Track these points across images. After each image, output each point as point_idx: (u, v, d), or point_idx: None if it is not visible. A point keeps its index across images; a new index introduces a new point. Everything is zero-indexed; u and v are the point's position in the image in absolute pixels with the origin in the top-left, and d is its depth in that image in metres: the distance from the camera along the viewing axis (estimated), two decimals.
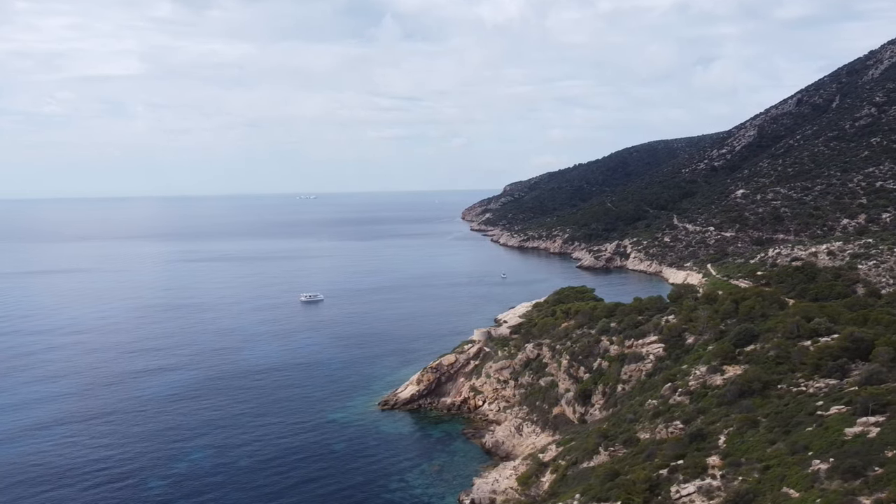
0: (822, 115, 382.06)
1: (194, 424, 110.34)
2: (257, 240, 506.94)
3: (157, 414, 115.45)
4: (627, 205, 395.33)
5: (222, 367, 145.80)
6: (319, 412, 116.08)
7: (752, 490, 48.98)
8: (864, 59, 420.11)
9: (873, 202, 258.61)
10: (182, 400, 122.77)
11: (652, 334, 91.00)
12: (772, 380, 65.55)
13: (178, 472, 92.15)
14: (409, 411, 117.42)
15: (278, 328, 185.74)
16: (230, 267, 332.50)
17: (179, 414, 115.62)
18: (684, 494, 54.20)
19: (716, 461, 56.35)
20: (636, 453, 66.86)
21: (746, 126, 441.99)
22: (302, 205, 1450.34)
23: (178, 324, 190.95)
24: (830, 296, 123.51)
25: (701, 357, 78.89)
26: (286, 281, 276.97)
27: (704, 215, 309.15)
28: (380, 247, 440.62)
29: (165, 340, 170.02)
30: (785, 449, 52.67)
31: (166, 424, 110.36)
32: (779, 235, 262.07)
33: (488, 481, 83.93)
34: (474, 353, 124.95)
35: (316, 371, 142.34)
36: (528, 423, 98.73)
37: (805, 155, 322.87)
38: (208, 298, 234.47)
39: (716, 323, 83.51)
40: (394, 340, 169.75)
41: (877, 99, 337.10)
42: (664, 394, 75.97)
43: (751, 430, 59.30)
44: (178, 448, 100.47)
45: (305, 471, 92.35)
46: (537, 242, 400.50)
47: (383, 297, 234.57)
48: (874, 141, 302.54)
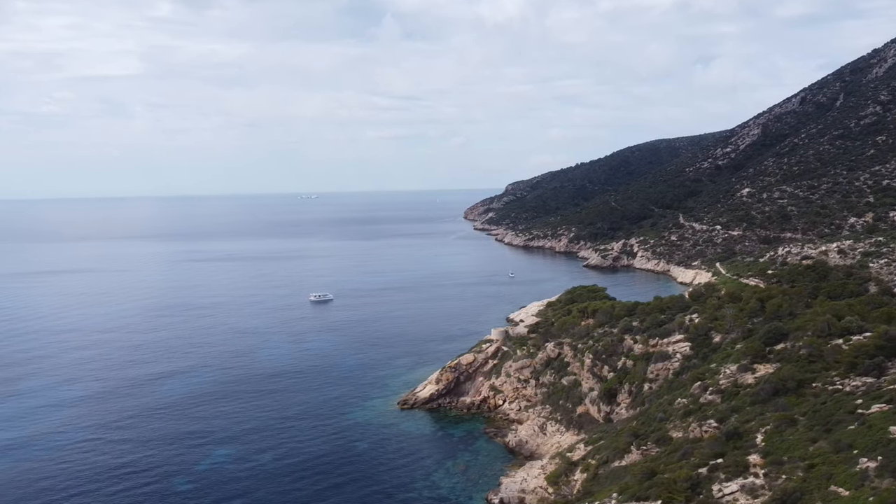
0: (826, 113, 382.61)
1: (215, 425, 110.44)
2: (261, 239, 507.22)
3: (176, 414, 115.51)
4: (632, 204, 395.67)
5: (237, 367, 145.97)
6: (339, 412, 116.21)
7: (799, 488, 49.14)
8: (867, 57, 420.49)
9: (881, 200, 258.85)
10: (200, 400, 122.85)
11: (677, 333, 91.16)
12: (806, 378, 65.70)
13: (203, 473, 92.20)
14: (428, 411, 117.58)
15: (290, 328, 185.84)
16: (236, 267, 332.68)
17: (198, 414, 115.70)
18: (727, 493, 54.35)
19: (757, 460, 56.49)
20: (670, 452, 66.99)
21: (750, 125, 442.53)
22: (303, 204, 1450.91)
23: (189, 324, 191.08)
24: (843, 294, 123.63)
25: (730, 356, 79.03)
26: (293, 281, 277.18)
27: (710, 214, 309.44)
28: (384, 246, 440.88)
29: (178, 340, 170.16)
30: (828, 447, 52.80)
31: (186, 425, 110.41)
32: (786, 234, 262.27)
33: (516, 480, 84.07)
34: (492, 352, 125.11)
35: (331, 371, 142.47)
36: (552, 422, 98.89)
37: (810, 153, 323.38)
38: (217, 298, 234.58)
39: (743, 322, 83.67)
40: (406, 340, 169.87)
41: (881, 97, 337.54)
42: (694, 392, 76.10)
43: (789, 428, 59.46)
44: (200, 449, 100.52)
45: (331, 471, 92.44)
46: (542, 241, 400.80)
47: (392, 297, 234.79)
48: (880, 139, 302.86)
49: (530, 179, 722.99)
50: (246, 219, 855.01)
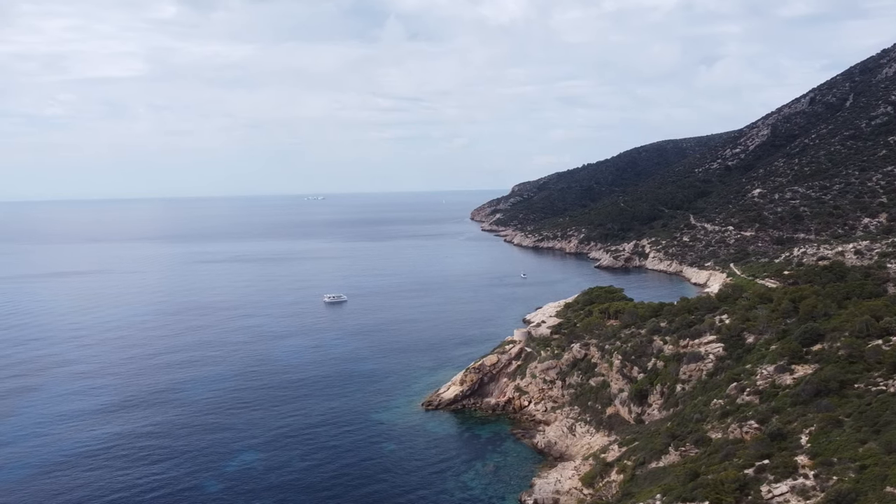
0: (836, 113, 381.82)
1: (240, 425, 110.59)
2: (270, 241, 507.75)
3: (201, 415, 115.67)
4: (642, 204, 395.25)
5: (257, 367, 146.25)
6: (364, 412, 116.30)
7: (853, 490, 49.09)
8: (877, 57, 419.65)
9: (894, 201, 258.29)
10: (223, 403, 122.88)
11: (708, 334, 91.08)
12: (848, 379, 65.67)
13: (232, 474, 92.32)
14: (452, 412, 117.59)
15: (306, 329, 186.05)
16: (248, 268, 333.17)
17: (223, 415, 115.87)
18: (777, 494, 54.31)
19: (805, 461, 56.46)
20: (711, 453, 66.97)
21: (759, 125, 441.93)
22: (310, 206, 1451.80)
23: (207, 325, 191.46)
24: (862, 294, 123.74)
25: (765, 356, 78.95)
26: (306, 282, 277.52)
27: (722, 215, 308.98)
28: (394, 247, 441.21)
29: (197, 341, 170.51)
30: (879, 448, 52.76)
31: (211, 426, 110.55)
32: (799, 235, 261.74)
33: (549, 481, 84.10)
34: (516, 353, 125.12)
35: (352, 371, 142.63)
36: (581, 423, 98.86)
37: (821, 154, 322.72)
38: (231, 299, 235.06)
39: (776, 322, 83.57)
40: (424, 341, 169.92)
41: (892, 98, 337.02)
42: (730, 393, 76.06)
43: (835, 429, 59.43)
44: (227, 449, 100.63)
45: (360, 472, 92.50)
46: (552, 242, 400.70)
47: (406, 298, 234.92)
48: (892, 140, 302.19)
49: (537, 180, 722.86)
50: (254, 220, 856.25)
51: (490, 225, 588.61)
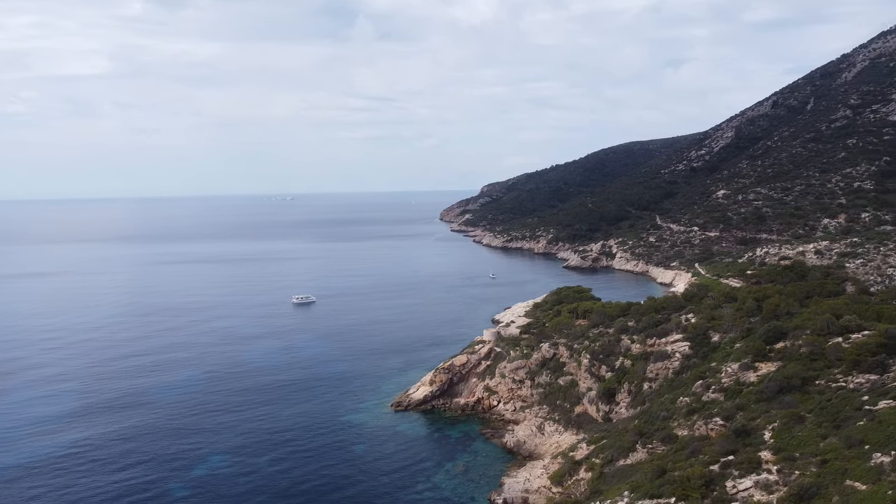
0: (797, 116, 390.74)
1: (207, 429, 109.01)
2: (237, 241, 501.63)
3: (168, 420, 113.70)
4: (609, 205, 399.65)
5: (225, 369, 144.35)
6: (333, 414, 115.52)
7: (815, 483, 50.18)
8: (837, 62, 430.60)
9: (852, 202, 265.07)
10: (191, 405, 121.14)
11: (675, 332, 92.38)
12: (810, 376, 67.11)
13: (199, 480, 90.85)
14: (422, 412, 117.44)
15: (275, 330, 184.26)
16: (214, 269, 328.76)
17: (190, 419, 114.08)
18: (742, 489, 55.25)
19: (769, 456, 57.54)
20: (678, 450, 67.90)
21: (724, 127, 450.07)
22: (278, 206, 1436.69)
23: (171, 327, 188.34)
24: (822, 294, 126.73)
25: (730, 354, 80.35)
26: (274, 283, 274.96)
27: (688, 215, 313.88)
28: (363, 248, 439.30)
29: (162, 344, 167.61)
30: (840, 443, 54.00)
31: (179, 430, 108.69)
32: (762, 235, 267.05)
33: (519, 480, 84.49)
34: (485, 353, 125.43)
35: (321, 373, 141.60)
36: (550, 422, 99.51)
37: (783, 156, 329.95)
38: (200, 301, 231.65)
39: (741, 321, 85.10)
40: (394, 342, 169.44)
41: (851, 101, 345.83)
42: (696, 391, 77.24)
43: (798, 425, 60.69)
44: (195, 454, 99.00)
45: (329, 473, 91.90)
46: (521, 243, 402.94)
47: (375, 299, 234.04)
48: (850, 142, 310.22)
49: (506, 181, 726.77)
50: (222, 220, 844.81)
51: (460, 225, 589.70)
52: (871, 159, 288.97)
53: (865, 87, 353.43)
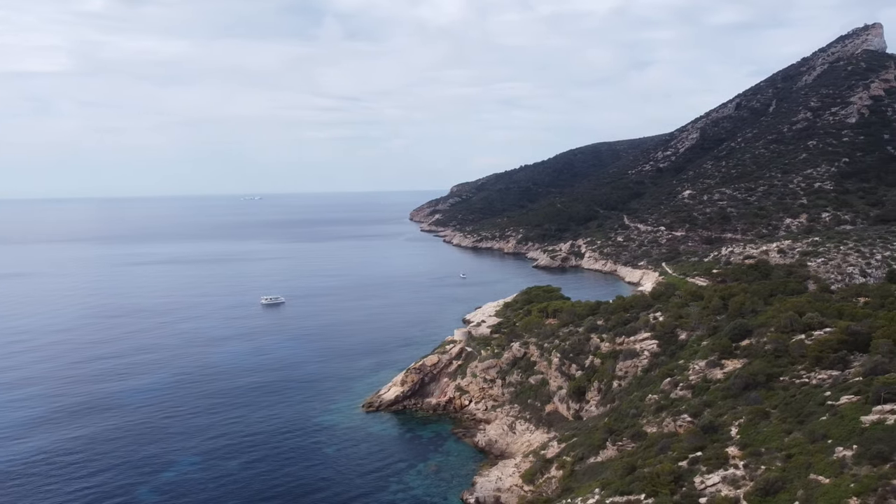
0: (760, 118, 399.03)
1: (176, 433, 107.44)
2: (205, 242, 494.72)
3: (135, 423, 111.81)
4: (578, 205, 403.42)
5: (193, 372, 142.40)
6: (304, 416, 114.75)
7: (780, 478, 51.41)
8: (797, 65, 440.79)
9: (813, 202, 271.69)
10: (158, 407, 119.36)
11: (643, 331, 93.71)
12: (774, 372, 68.64)
13: (169, 483, 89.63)
14: (393, 412, 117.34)
15: (244, 332, 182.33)
16: (181, 270, 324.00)
17: (158, 422, 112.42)
18: (710, 485, 56.35)
19: (735, 452, 58.75)
20: (647, 447, 68.94)
21: (689, 129, 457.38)
22: (247, 206, 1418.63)
23: (139, 329, 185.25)
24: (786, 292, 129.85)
25: (697, 352, 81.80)
26: (242, 284, 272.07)
27: (654, 215, 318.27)
28: (333, 248, 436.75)
29: (128, 347, 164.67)
30: (803, 438, 55.37)
31: (146, 434, 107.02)
32: (727, 234, 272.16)
33: (491, 479, 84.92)
34: (456, 353, 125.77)
35: (291, 374, 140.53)
36: (521, 420, 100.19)
37: (747, 157, 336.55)
38: (164, 302, 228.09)
39: (707, 319, 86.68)
40: (364, 342, 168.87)
41: (812, 104, 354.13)
42: (664, 388, 78.48)
43: (763, 421, 62.05)
44: (163, 459, 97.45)
45: (302, 476, 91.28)
46: (491, 243, 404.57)
47: (345, 299, 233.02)
48: (811, 144, 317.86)
49: (475, 181, 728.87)
50: (190, 221, 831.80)
51: (430, 225, 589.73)
52: (830, 160, 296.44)
53: (825, 89, 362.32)
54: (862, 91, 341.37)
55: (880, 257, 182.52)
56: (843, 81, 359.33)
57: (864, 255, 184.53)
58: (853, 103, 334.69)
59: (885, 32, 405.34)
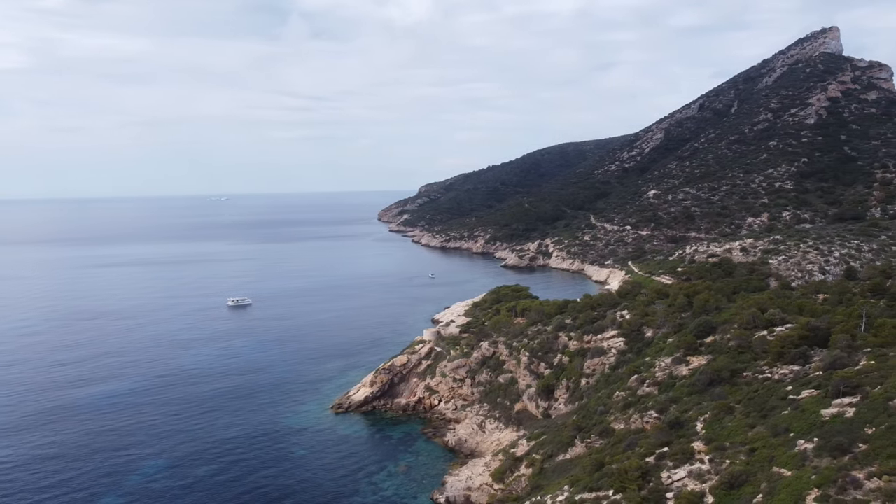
0: (722, 119, 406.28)
1: (141, 440, 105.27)
2: (170, 243, 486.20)
3: (98, 428, 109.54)
4: (545, 205, 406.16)
5: (159, 375, 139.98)
6: (272, 419, 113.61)
7: (744, 471, 52.50)
8: (758, 67, 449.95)
9: (774, 202, 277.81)
10: (122, 412, 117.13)
11: (610, 329, 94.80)
12: (738, 368, 70.05)
13: (134, 491, 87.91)
14: (363, 413, 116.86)
15: (210, 334, 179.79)
16: (146, 272, 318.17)
17: (122, 427, 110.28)
18: (676, 479, 57.31)
19: (701, 447, 59.81)
20: (615, 443, 69.82)
21: (653, 129, 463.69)
22: (213, 207, 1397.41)
23: (102, 332, 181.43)
24: (748, 289, 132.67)
25: (663, 349, 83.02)
26: (209, 285, 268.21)
27: (620, 215, 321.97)
28: (301, 249, 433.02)
29: (92, 351, 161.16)
30: (766, 432, 56.61)
31: (110, 439, 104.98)
32: (691, 233, 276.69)
33: (461, 479, 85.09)
34: (426, 353, 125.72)
35: (258, 377, 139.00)
36: (491, 419, 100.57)
37: (710, 157, 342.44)
38: (129, 305, 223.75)
39: (673, 317, 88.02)
40: (333, 343, 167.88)
41: (772, 105, 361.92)
42: (631, 385, 79.53)
43: (727, 416, 63.28)
44: (129, 465, 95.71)
45: (270, 479, 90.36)
46: (459, 243, 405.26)
47: (313, 300, 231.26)
48: (772, 144, 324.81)
49: (443, 181, 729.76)
50: (154, 222, 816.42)
51: (398, 226, 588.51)
52: (790, 160, 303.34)
53: (784, 91, 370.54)
54: (820, 93, 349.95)
55: (838, 255, 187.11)
56: (802, 83, 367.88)
57: (822, 253, 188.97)
58: (812, 105, 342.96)
59: (840, 36, 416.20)
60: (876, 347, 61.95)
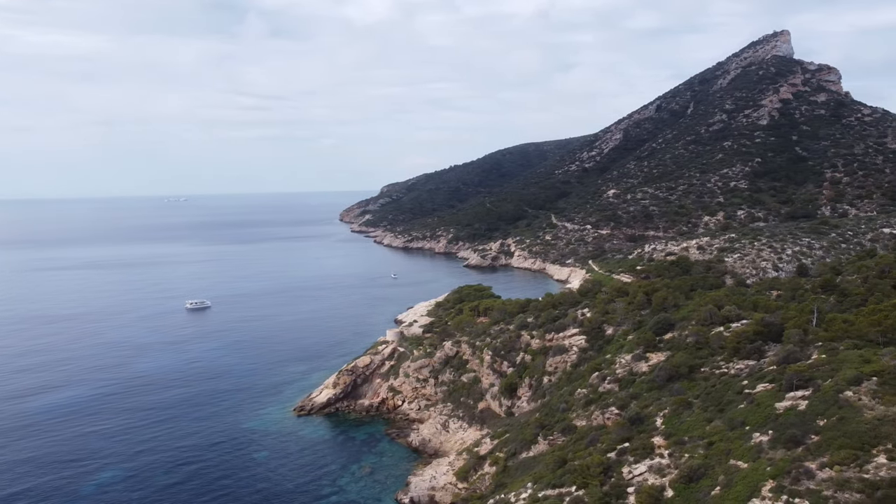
0: (679, 120, 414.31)
1: (97, 449, 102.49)
2: (127, 245, 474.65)
3: (51, 438, 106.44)
4: (507, 205, 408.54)
5: (115, 381, 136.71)
6: (233, 423, 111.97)
7: (702, 465, 53.61)
8: (713, 69, 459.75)
9: (729, 201, 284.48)
10: (77, 419, 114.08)
11: (572, 327, 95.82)
12: (696, 364, 71.45)
13: (88, 499, 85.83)
14: (326, 415, 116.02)
15: (168, 338, 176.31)
16: (101, 275, 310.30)
17: (76, 435, 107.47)
18: (637, 474, 58.23)
19: (660, 441, 60.87)
20: (577, 440, 70.61)
21: (612, 130, 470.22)
22: (172, 208, 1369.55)
23: (55, 338, 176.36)
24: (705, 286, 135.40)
25: (623, 346, 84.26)
26: (167, 288, 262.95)
27: (581, 214, 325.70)
28: (262, 250, 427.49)
29: (45, 356, 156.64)
30: (723, 426, 57.87)
31: (63, 448, 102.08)
32: (650, 232, 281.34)
33: (425, 479, 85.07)
34: (389, 353, 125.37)
35: (219, 381, 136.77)
36: (454, 419, 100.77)
37: (667, 157, 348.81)
38: (83, 309, 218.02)
39: (632, 314, 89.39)
40: (294, 345, 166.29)
41: (727, 106, 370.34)
42: (593, 382, 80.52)
43: (686, 410, 64.53)
44: (84, 476, 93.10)
45: (231, 486, 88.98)
46: (422, 243, 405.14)
47: (274, 302, 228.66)
48: (726, 144, 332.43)
49: (405, 181, 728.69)
50: (110, 224, 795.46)
51: (360, 226, 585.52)
52: (744, 160, 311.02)
53: (738, 92, 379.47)
54: (772, 94, 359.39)
55: (790, 252, 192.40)
56: (755, 85, 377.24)
57: (776, 251, 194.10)
58: (764, 106, 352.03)
59: (791, 39, 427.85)
60: (826, 342, 63.77)
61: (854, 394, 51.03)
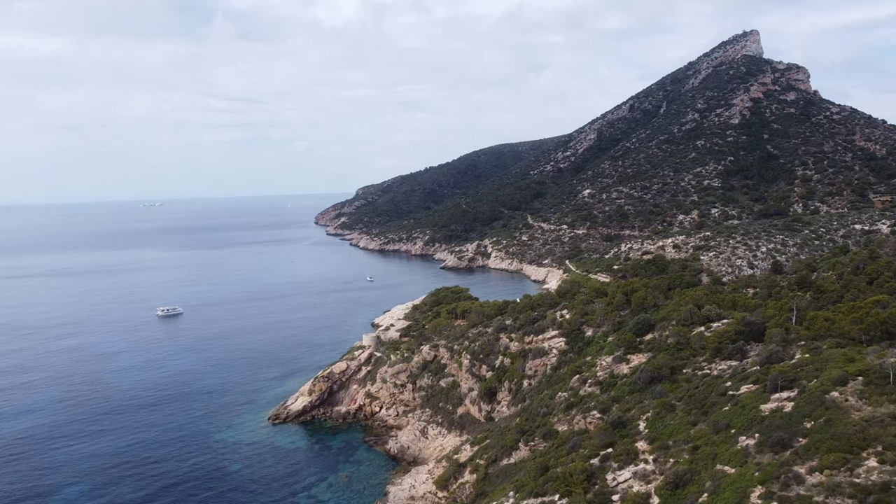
0: (652, 119, 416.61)
1: (63, 461, 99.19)
2: (97, 251, 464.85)
3: (15, 451, 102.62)
4: (483, 206, 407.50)
5: (83, 392, 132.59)
6: (206, 433, 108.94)
7: (688, 470, 52.30)
8: (685, 69, 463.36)
9: (703, 199, 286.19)
10: (43, 434, 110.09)
11: (551, 329, 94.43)
12: (677, 365, 70.34)
13: None
14: (302, 423, 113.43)
15: (139, 346, 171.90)
16: (69, 282, 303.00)
17: (43, 450, 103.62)
18: (622, 481, 56.76)
19: (644, 446, 59.53)
20: (559, 445, 69.09)
21: (587, 130, 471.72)
22: (146, 212, 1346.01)
23: (21, 347, 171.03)
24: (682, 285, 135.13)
25: (603, 348, 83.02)
26: (137, 295, 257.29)
27: (557, 214, 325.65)
28: (235, 255, 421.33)
29: (8, 365, 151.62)
30: (708, 429, 56.68)
31: (28, 462, 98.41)
32: (625, 231, 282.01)
33: (404, 488, 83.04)
34: (365, 358, 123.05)
35: (191, 389, 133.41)
36: (433, 425, 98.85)
37: (641, 157, 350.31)
38: (50, 317, 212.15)
39: (612, 315, 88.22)
40: (270, 351, 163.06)
41: (699, 105, 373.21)
42: (573, 385, 79.10)
43: (669, 413, 63.31)
44: (49, 489, 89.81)
45: (204, 498, 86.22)
46: (398, 245, 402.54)
47: (248, 308, 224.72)
48: (699, 143, 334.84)
49: (381, 183, 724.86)
50: (76, 229, 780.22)
51: (335, 229, 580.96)
52: (717, 159, 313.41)
53: (710, 92, 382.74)
54: (743, 94, 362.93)
55: (765, 249, 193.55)
56: (726, 84, 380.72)
57: (750, 248, 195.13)
58: (735, 105, 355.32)
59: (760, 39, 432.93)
60: (809, 340, 63.06)
61: (840, 394, 50.10)
